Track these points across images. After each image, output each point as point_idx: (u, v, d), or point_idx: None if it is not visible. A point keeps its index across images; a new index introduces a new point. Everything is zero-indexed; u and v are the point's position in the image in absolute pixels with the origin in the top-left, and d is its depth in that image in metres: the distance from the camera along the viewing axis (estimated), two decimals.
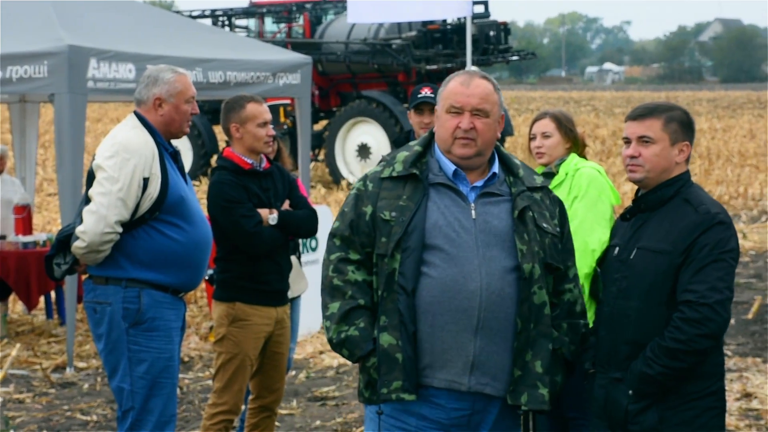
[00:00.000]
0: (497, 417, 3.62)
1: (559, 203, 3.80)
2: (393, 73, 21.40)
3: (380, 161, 3.88)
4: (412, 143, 3.77)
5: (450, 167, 3.65)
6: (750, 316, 10.08)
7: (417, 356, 3.54)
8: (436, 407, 3.57)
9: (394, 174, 3.64)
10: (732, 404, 7.12)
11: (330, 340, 3.63)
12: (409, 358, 3.52)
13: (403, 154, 3.69)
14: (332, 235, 3.68)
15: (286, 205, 5.52)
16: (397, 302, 3.52)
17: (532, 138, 5.20)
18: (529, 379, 3.57)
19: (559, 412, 4.74)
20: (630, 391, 3.72)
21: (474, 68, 9.06)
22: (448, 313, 3.52)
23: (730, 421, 6.74)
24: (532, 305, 3.57)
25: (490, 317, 3.53)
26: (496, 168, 3.69)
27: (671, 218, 3.74)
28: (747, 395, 7.45)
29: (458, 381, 3.54)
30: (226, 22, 23.31)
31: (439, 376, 3.55)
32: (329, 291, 3.63)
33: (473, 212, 3.59)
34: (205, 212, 5.14)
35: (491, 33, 21.12)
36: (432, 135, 3.75)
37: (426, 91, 5.79)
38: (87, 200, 4.78)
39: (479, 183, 3.65)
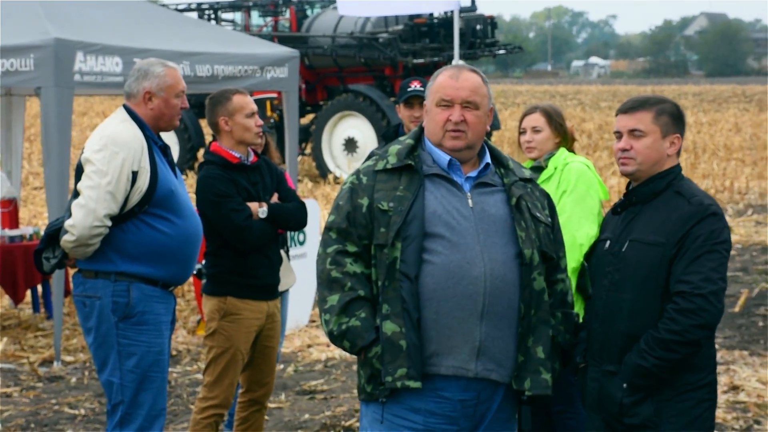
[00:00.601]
0: (499, 405, 3.63)
1: (547, 196, 3.84)
2: (380, 67, 21.39)
3: (369, 156, 3.88)
4: (402, 138, 3.79)
5: (444, 158, 3.66)
6: (737, 309, 10.12)
7: (422, 344, 3.53)
8: (442, 401, 3.57)
9: (389, 166, 3.65)
10: (719, 397, 7.14)
11: (330, 333, 3.59)
12: (413, 344, 3.50)
13: (395, 148, 3.71)
14: (328, 228, 3.67)
15: (274, 198, 5.51)
16: (400, 289, 3.51)
17: (522, 132, 5.20)
18: (532, 364, 3.59)
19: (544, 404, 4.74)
20: (624, 384, 3.73)
21: (461, 62, 9.05)
22: (453, 299, 3.52)
23: (717, 413, 6.72)
24: (533, 291, 3.59)
25: (494, 302, 3.54)
26: (488, 159, 3.71)
27: (664, 210, 3.76)
28: (734, 388, 7.48)
29: (465, 367, 3.54)
30: (212, 16, 23.24)
31: (446, 363, 3.54)
32: (327, 284, 3.61)
33: (470, 201, 3.61)
34: (194, 207, 5.13)
35: (478, 27, 21.14)
36: (422, 129, 3.77)
37: (415, 85, 5.80)
38: (76, 194, 4.77)
39: (473, 173, 3.67)
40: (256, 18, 23.57)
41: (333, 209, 3.68)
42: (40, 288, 9.87)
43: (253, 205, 5.37)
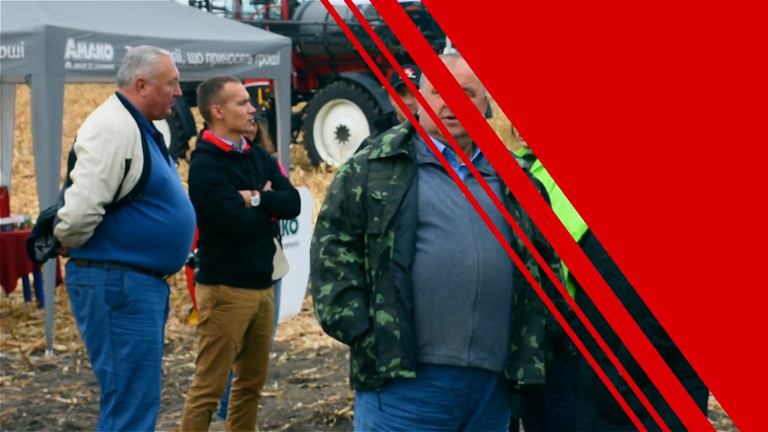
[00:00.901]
0: (492, 394, 3.63)
1: (541, 186, 3.83)
2: (372, 55, 21.36)
3: (362, 144, 3.87)
4: (396, 127, 3.78)
5: (439, 147, 3.66)
6: None
7: (415, 334, 3.52)
8: (435, 390, 3.56)
9: (383, 155, 3.64)
10: None
11: (323, 323, 3.58)
12: (407, 334, 3.49)
13: (389, 137, 3.70)
14: (321, 218, 3.65)
15: (267, 186, 5.50)
16: (394, 279, 3.50)
17: None
18: (525, 354, 3.59)
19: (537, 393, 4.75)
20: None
21: (454, 50, 9.05)
22: (446, 288, 3.51)
23: (709, 401, 6.77)
24: (527, 280, 3.58)
25: (488, 291, 3.53)
26: None
27: None
28: None
29: (458, 356, 3.54)
30: (204, 3, 23.16)
31: (439, 353, 3.54)
32: (320, 273, 3.59)
33: None
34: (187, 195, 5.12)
35: None
36: (416, 118, 3.76)
37: (408, 72, 5.78)
38: (69, 182, 4.75)
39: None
40: (247, 5, 23.49)
41: (326, 198, 3.67)
42: (31, 277, 9.86)
43: (245, 194, 5.35)
